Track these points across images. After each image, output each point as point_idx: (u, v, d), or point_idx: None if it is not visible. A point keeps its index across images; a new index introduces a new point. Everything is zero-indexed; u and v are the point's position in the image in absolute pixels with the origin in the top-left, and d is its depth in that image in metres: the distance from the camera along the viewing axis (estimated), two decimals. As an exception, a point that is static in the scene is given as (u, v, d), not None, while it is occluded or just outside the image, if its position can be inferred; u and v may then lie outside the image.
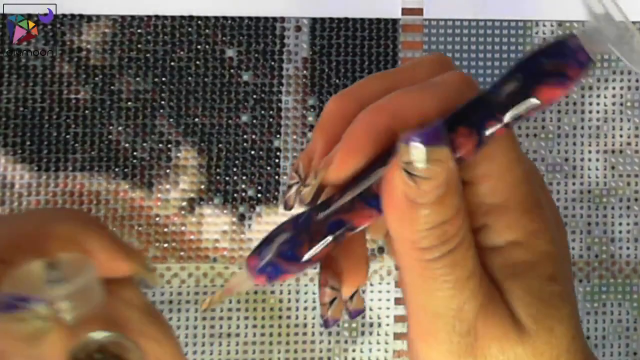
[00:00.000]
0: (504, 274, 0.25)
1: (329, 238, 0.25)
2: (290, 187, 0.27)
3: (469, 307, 0.25)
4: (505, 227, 0.25)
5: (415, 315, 0.26)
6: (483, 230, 0.26)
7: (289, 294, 0.53)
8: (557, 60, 0.23)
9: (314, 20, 0.55)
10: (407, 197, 0.23)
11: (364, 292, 0.53)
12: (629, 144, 0.56)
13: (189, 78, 0.54)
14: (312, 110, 0.55)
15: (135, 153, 0.54)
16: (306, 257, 0.25)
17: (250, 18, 0.55)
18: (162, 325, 0.31)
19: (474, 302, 0.25)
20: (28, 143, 0.53)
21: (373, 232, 0.28)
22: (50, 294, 0.27)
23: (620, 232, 0.55)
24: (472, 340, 0.25)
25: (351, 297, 0.27)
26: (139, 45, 0.54)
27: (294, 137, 0.54)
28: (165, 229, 0.53)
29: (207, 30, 0.55)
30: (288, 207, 0.27)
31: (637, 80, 0.56)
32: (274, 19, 0.55)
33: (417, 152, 0.22)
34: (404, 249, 0.25)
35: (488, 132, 0.24)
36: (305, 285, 0.53)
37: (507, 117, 0.24)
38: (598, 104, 0.56)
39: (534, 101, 0.23)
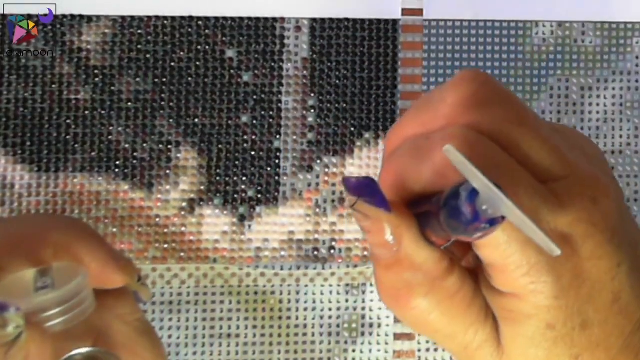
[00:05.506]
0: (502, 316, 0.26)
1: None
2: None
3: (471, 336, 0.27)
4: (504, 283, 0.25)
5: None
6: (487, 275, 0.26)
7: (289, 294, 0.53)
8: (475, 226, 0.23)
9: (313, 20, 0.55)
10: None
11: (364, 292, 0.53)
12: (628, 144, 0.56)
13: (189, 79, 0.54)
14: (312, 110, 0.55)
15: (135, 154, 0.54)
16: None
17: (250, 18, 0.55)
18: (152, 344, 0.31)
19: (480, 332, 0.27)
20: (28, 144, 0.53)
21: None
22: (38, 300, 0.26)
23: (620, 232, 0.55)
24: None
25: None
26: (139, 46, 0.54)
27: (294, 137, 0.54)
28: (166, 230, 0.53)
29: (207, 31, 0.55)
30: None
31: (637, 81, 0.56)
32: (274, 19, 0.55)
33: (350, 199, 0.26)
34: None
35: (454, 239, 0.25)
36: (306, 286, 0.53)
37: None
38: (598, 104, 0.56)
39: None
